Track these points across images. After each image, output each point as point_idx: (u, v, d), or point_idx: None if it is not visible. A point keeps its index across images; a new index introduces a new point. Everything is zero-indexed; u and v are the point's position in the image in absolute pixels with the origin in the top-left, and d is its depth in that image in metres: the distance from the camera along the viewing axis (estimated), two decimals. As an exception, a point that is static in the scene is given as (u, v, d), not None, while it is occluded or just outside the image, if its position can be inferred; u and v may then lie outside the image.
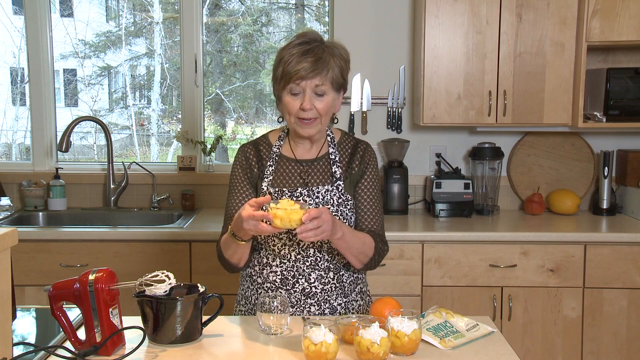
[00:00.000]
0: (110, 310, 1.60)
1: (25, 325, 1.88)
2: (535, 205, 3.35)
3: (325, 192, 1.94)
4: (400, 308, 1.76)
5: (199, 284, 1.75)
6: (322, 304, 1.94)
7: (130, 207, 3.56)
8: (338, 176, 1.97)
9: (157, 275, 1.65)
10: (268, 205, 1.66)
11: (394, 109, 3.49)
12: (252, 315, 1.99)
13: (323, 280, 1.94)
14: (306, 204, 1.67)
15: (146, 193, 3.58)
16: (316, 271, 1.93)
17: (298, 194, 1.93)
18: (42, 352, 1.58)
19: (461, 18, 3.10)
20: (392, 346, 1.60)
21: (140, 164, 3.58)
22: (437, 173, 3.42)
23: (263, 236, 1.93)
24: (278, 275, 1.94)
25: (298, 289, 1.93)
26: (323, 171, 1.99)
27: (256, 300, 1.97)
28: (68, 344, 1.63)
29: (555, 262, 2.94)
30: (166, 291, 1.65)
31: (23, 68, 4.03)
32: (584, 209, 3.47)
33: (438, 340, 1.69)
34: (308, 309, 1.94)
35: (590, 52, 3.23)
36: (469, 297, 2.97)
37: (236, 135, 3.97)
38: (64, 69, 4.26)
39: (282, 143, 2.02)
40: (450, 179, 3.30)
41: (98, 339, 1.59)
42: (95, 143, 4.39)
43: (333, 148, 2.01)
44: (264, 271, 1.96)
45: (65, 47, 4.02)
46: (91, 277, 1.58)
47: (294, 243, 1.92)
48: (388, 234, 2.07)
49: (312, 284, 1.93)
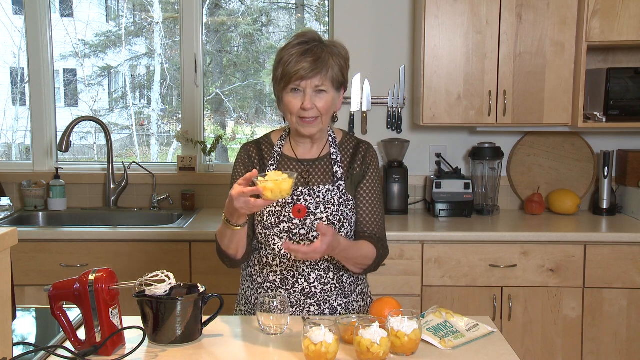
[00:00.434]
0: (110, 310, 1.60)
1: (25, 325, 1.88)
2: (535, 205, 3.35)
3: (326, 192, 1.94)
4: (400, 308, 1.76)
5: (199, 284, 1.75)
6: (322, 304, 1.94)
7: (130, 207, 3.56)
8: (339, 176, 1.97)
9: (157, 275, 1.65)
10: (256, 179, 1.64)
11: (394, 109, 3.49)
12: (252, 315, 1.99)
13: (323, 280, 1.94)
14: (294, 173, 1.66)
15: (146, 193, 3.58)
16: (316, 271, 1.93)
17: (299, 193, 1.93)
18: (42, 352, 1.58)
19: (461, 18, 3.10)
20: (392, 346, 1.60)
21: (140, 164, 3.58)
22: (437, 173, 3.42)
23: (264, 235, 1.93)
24: (278, 275, 1.94)
25: (298, 289, 1.93)
26: (324, 171, 1.99)
27: (256, 300, 1.97)
28: (68, 344, 1.63)
29: (555, 262, 2.94)
30: (166, 291, 1.65)
31: (23, 68, 4.03)
32: (584, 209, 3.47)
33: (438, 340, 1.69)
34: (308, 309, 1.94)
35: (590, 52, 3.23)
36: (469, 297, 2.97)
37: (236, 135, 3.97)
38: (64, 69, 4.26)
39: (284, 143, 2.03)
40: (450, 179, 3.30)
41: (98, 339, 1.59)
42: (95, 143, 4.39)
43: (334, 148, 2.01)
44: (264, 271, 1.96)
45: (65, 47, 4.02)
46: (91, 277, 1.58)
47: (295, 242, 1.92)
48: (388, 234, 2.07)
49: (312, 284, 1.93)
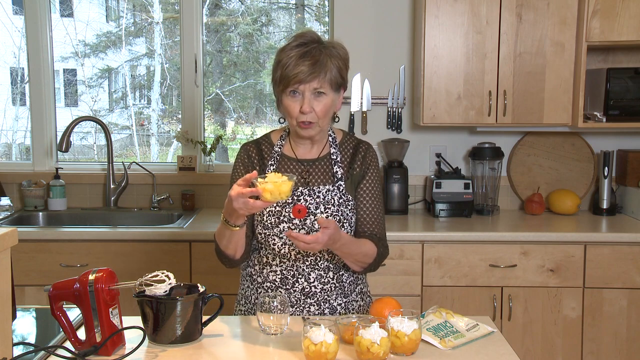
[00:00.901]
0: (110, 310, 1.60)
1: (25, 325, 1.88)
2: (535, 205, 3.35)
3: (326, 192, 1.94)
4: (400, 308, 1.76)
5: (199, 284, 1.75)
6: (322, 304, 1.94)
7: (130, 207, 3.56)
8: (339, 176, 1.97)
9: (157, 275, 1.65)
10: (256, 180, 1.64)
11: (394, 109, 3.49)
12: (252, 315, 1.99)
13: (323, 279, 1.94)
14: (293, 176, 1.67)
15: (146, 193, 3.58)
16: (316, 271, 1.93)
17: (299, 193, 1.93)
18: (42, 352, 1.58)
19: (461, 18, 3.10)
20: (392, 346, 1.60)
21: (140, 164, 3.58)
22: (437, 173, 3.42)
23: (264, 235, 1.93)
24: (278, 274, 1.94)
25: (298, 289, 1.93)
26: (324, 171, 1.99)
27: (256, 300, 1.97)
28: (68, 344, 1.63)
29: (555, 262, 2.94)
30: (166, 291, 1.65)
31: (23, 68, 4.03)
32: (584, 209, 3.47)
33: (438, 340, 1.69)
34: (308, 309, 1.94)
35: (590, 52, 3.23)
36: (469, 297, 2.97)
37: (236, 135, 3.97)
38: (64, 69, 4.26)
39: (284, 143, 2.03)
40: (450, 179, 3.30)
41: (98, 339, 1.59)
42: (95, 143, 4.39)
43: (334, 148, 2.01)
44: (264, 270, 1.96)
45: (65, 48, 4.02)
46: (91, 277, 1.58)
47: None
48: (388, 234, 2.07)
49: (312, 284, 1.93)
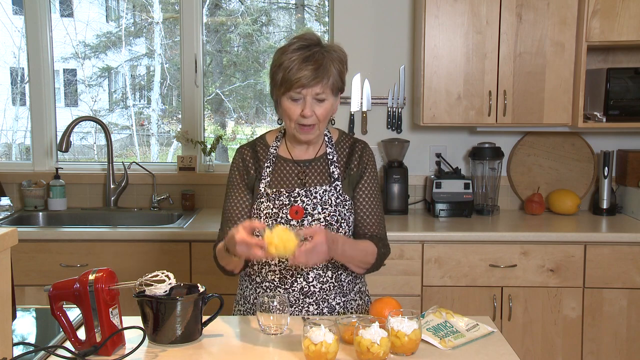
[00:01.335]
0: (110, 310, 1.60)
1: (25, 325, 1.88)
2: (535, 205, 3.35)
3: (323, 193, 1.94)
4: (400, 308, 1.76)
5: (199, 284, 1.75)
6: (321, 303, 1.94)
7: (130, 207, 3.56)
8: (336, 176, 1.97)
9: (157, 275, 1.65)
10: (263, 232, 1.65)
11: (394, 109, 3.49)
12: (251, 315, 1.99)
13: (321, 279, 1.94)
14: (301, 234, 1.67)
15: (146, 193, 3.58)
16: (315, 270, 1.93)
17: (296, 194, 1.93)
18: (42, 352, 1.59)
19: (461, 18, 3.10)
20: (392, 346, 1.60)
21: (140, 164, 3.58)
22: (437, 173, 3.42)
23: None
24: (277, 274, 1.94)
25: (297, 288, 1.93)
26: (321, 171, 1.99)
27: (255, 299, 1.97)
28: (68, 344, 1.63)
29: (555, 262, 2.94)
30: (166, 291, 1.65)
31: (23, 68, 4.03)
32: (584, 209, 3.47)
33: (438, 340, 1.69)
34: (307, 309, 1.94)
35: (590, 52, 3.23)
36: (469, 297, 2.97)
37: (236, 135, 3.97)
38: (64, 69, 4.26)
39: (279, 144, 2.03)
40: (450, 179, 3.30)
41: (98, 339, 1.59)
42: (95, 143, 4.40)
43: (331, 148, 2.01)
44: (263, 270, 1.96)
45: (65, 48, 4.02)
46: (91, 277, 1.58)
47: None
48: (388, 234, 2.07)
49: (311, 283, 1.93)
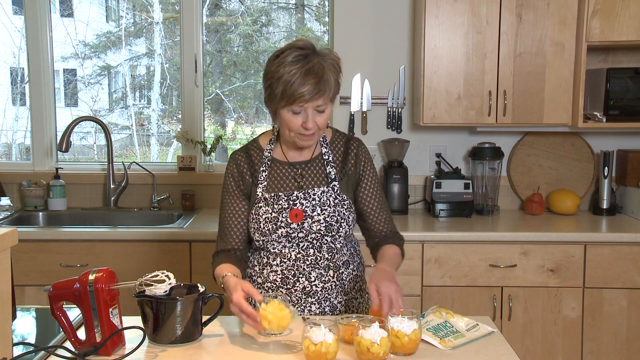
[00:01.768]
0: (110, 310, 1.60)
1: (25, 325, 1.88)
2: (535, 205, 3.35)
3: (321, 194, 1.94)
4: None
5: (199, 284, 1.75)
6: (323, 302, 1.95)
7: (130, 207, 3.56)
8: (333, 177, 1.97)
9: (157, 275, 1.65)
10: (259, 305, 1.65)
11: (394, 109, 3.49)
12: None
13: (323, 278, 1.94)
14: (296, 312, 1.67)
15: (146, 193, 3.58)
16: (316, 270, 1.93)
17: (294, 197, 1.93)
18: (42, 352, 1.59)
19: (461, 18, 3.10)
20: (392, 346, 1.60)
21: (140, 164, 3.58)
22: (437, 173, 3.42)
23: (262, 241, 1.94)
24: (278, 274, 1.94)
25: (299, 288, 1.93)
26: (317, 172, 1.99)
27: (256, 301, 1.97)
28: (68, 344, 1.63)
29: (555, 262, 2.94)
30: (166, 291, 1.65)
31: (23, 68, 4.03)
32: (584, 209, 3.47)
33: (438, 340, 1.69)
34: (309, 308, 1.94)
35: (590, 52, 3.23)
36: (469, 297, 2.97)
37: (236, 135, 3.97)
38: (64, 69, 4.26)
39: (274, 147, 2.02)
40: (450, 179, 3.30)
41: (98, 339, 1.59)
42: (95, 143, 4.40)
43: (326, 148, 2.01)
44: (264, 271, 1.96)
45: (65, 48, 4.02)
46: (91, 277, 1.58)
47: (294, 244, 1.92)
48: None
49: (313, 283, 1.93)
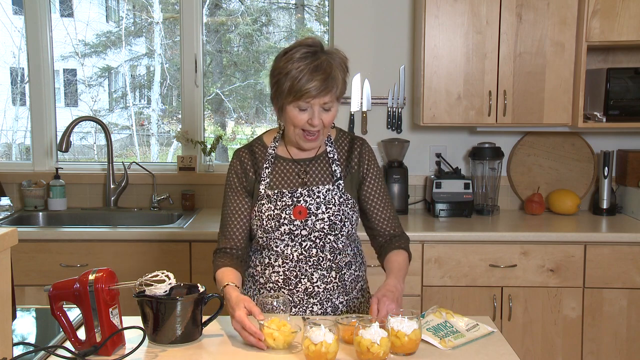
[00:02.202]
0: (110, 310, 1.60)
1: (25, 325, 1.88)
2: (535, 205, 3.34)
3: (326, 192, 1.94)
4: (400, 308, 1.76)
5: (199, 284, 1.75)
6: (325, 303, 1.95)
7: (130, 207, 3.56)
8: (338, 175, 1.97)
9: (157, 275, 1.65)
10: (262, 324, 1.64)
11: (394, 109, 3.49)
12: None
13: (325, 279, 1.94)
14: (298, 327, 1.65)
15: (146, 193, 3.58)
16: (319, 271, 1.93)
17: (298, 194, 1.93)
18: (42, 352, 1.59)
19: (461, 18, 3.10)
20: (392, 346, 1.60)
21: (140, 164, 3.58)
22: (437, 173, 3.42)
23: (265, 238, 1.94)
24: (280, 275, 1.94)
25: (301, 289, 1.93)
26: (322, 170, 1.99)
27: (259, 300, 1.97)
28: (68, 344, 1.63)
29: (555, 262, 2.94)
30: (166, 291, 1.65)
31: (23, 68, 4.03)
32: (584, 209, 3.47)
33: (438, 340, 1.69)
34: (311, 309, 1.94)
35: (590, 52, 3.23)
36: (469, 297, 2.97)
37: (236, 135, 3.97)
38: (64, 69, 4.26)
39: (278, 144, 2.02)
40: (450, 179, 3.30)
41: (98, 339, 1.59)
42: (95, 143, 4.39)
43: (330, 146, 2.01)
44: (266, 271, 1.96)
45: (65, 48, 4.02)
46: (91, 277, 1.58)
47: (296, 243, 1.92)
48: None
49: (315, 284, 1.93)
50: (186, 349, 1.66)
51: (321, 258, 1.93)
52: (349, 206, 1.96)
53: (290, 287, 1.94)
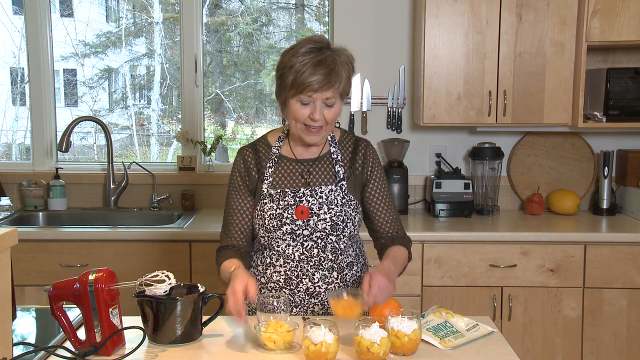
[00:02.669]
0: (110, 310, 1.60)
1: (25, 325, 1.88)
2: (535, 205, 3.35)
3: (329, 192, 1.94)
4: (400, 308, 1.76)
5: (199, 284, 1.75)
6: (326, 304, 1.95)
7: (130, 207, 3.56)
8: (342, 176, 1.97)
9: (157, 275, 1.65)
10: (258, 330, 1.65)
11: (394, 109, 3.49)
12: (253, 315, 1.99)
13: (327, 279, 1.94)
14: (296, 325, 1.66)
15: (146, 193, 3.58)
16: (320, 271, 1.93)
17: (301, 194, 1.93)
18: (42, 352, 1.59)
19: (461, 18, 3.10)
20: (392, 346, 1.60)
21: (140, 164, 3.58)
22: (437, 173, 3.42)
23: (267, 238, 1.94)
24: (282, 275, 1.94)
25: (302, 289, 1.93)
26: (325, 170, 1.99)
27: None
28: (68, 344, 1.63)
29: (555, 262, 2.94)
30: (166, 291, 1.65)
31: (23, 68, 4.03)
32: (584, 209, 3.47)
33: (438, 340, 1.69)
34: (312, 309, 1.94)
35: (590, 52, 3.23)
36: (469, 297, 2.97)
37: (236, 135, 3.97)
38: (64, 69, 4.26)
39: (282, 144, 2.02)
40: (450, 179, 3.30)
41: (98, 339, 1.59)
42: (95, 143, 4.40)
43: (334, 147, 2.01)
44: (268, 271, 1.96)
45: (65, 48, 4.02)
46: (91, 277, 1.58)
47: (298, 243, 1.92)
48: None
49: (316, 284, 1.93)
50: (186, 349, 1.66)
51: (322, 258, 1.93)
52: (352, 207, 1.96)
53: (291, 287, 1.94)
